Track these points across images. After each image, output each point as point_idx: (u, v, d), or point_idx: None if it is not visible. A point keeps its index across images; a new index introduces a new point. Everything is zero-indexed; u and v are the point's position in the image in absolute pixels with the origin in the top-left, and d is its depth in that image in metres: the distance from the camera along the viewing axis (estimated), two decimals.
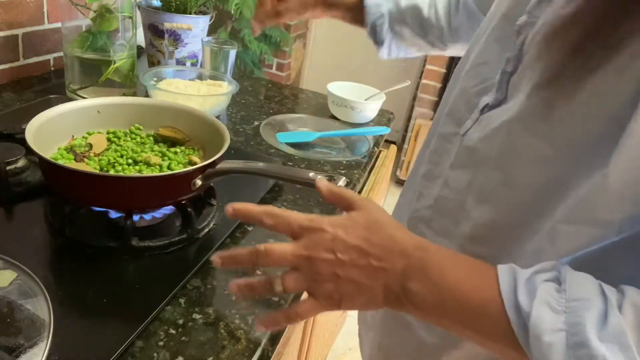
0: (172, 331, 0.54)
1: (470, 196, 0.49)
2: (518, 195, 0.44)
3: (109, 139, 0.76)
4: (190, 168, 0.64)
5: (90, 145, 0.73)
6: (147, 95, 1.05)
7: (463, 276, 0.40)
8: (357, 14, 0.82)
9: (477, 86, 0.51)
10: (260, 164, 0.67)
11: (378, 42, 0.84)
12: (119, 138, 0.77)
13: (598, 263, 0.38)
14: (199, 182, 0.65)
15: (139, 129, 0.80)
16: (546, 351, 0.34)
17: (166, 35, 1.17)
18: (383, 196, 1.44)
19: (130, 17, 0.99)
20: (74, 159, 0.70)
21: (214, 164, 0.66)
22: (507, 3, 0.51)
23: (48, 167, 0.62)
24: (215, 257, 0.48)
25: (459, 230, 0.50)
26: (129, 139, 0.78)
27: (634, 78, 0.35)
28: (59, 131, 0.73)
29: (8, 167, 0.71)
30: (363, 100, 1.20)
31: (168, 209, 0.70)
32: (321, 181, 0.50)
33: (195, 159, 0.74)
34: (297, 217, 0.45)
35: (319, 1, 0.81)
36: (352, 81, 1.31)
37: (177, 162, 0.73)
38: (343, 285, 0.42)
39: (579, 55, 0.37)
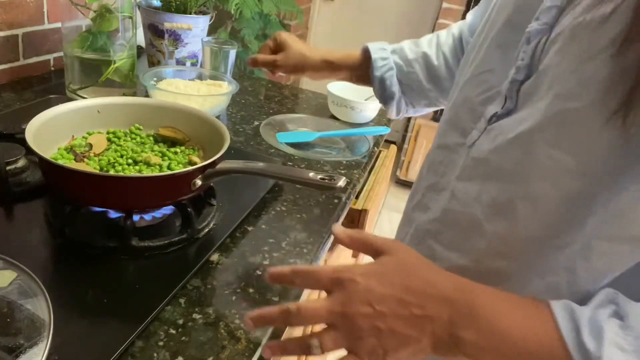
0: (172, 331, 0.54)
1: (481, 209, 0.47)
2: (538, 209, 0.42)
3: (109, 139, 0.76)
4: (190, 168, 0.64)
5: (90, 145, 0.73)
6: (147, 95, 1.05)
7: (516, 318, 0.38)
8: (363, 71, 0.81)
9: (482, 95, 0.50)
10: (260, 164, 0.67)
11: (387, 97, 0.82)
12: (119, 138, 0.77)
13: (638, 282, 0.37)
14: (199, 182, 0.65)
15: (139, 129, 0.80)
16: None
17: (166, 35, 1.17)
18: (383, 196, 1.44)
19: (130, 17, 0.99)
20: (74, 159, 0.70)
21: (214, 164, 0.66)
22: (509, 10, 0.50)
23: (48, 167, 0.62)
24: (247, 319, 0.46)
25: (472, 245, 0.48)
26: (129, 139, 0.78)
27: None
28: (59, 131, 0.73)
29: (8, 167, 0.71)
30: (363, 100, 1.20)
31: (168, 209, 0.70)
32: (337, 228, 0.46)
33: (195, 159, 0.74)
34: (326, 271, 0.43)
35: (323, 66, 0.82)
36: None
37: (177, 162, 0.73)
38: (386, 338, 0.39)
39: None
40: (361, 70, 0.81)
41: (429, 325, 0.39)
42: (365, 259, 0.48)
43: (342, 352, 0.42)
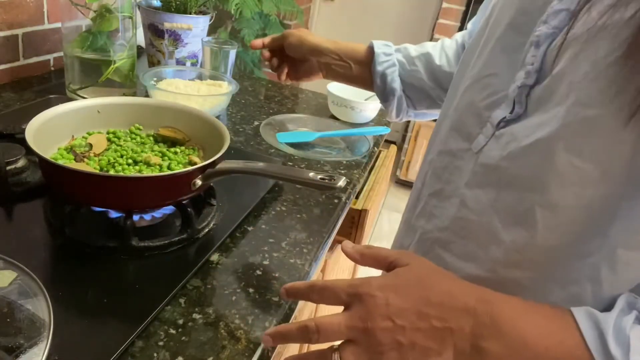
0: (172, 331, 0.54)
1: (497, 218, 0.46)
2: (559, 217, 0.41)
3: (109, 139, 0.76)
4: (190, 168, 0.64)
5: (90, 145, 0.73)
6: (147, 95, 1.05)
7: (539, 327, 0.37)
8: (365, 66, 0.81)
9: (487, 99, 0.49)
10: (260, 164, 0.67)
11: (388, 93, 0.82)
12: (119, 138, 0.77)
13: None
14: (199, 182, 0.65)
15: (139, 129, 0.80)
16: None
17: (166, 35, 1.17)
18: (383, 196, 1.44)
19: (130, 17, 0.99)
20: (74, 159, 0.70)
21: (214, 164, 0.66)
22: (512, 12, 0.49)
23: (48, 167, 0.62)
24: (266, 336, 0.45)
25: (488, 255, 0.47)
26: (129, 139, 0.78)
27: None
28: (59, 131, 0.73)
29: (8, 167, 0.71)
30: (363, 100, 1.20)
31: (168, 209, 0.70)
32: (346, 245, 0.45)
33: (195, 159, 0.74)
34: (342, 285, 0.42)
35: (324, 51, 0.83)
36: None
37: (177, 162, 0.73)
38: (407, 352, 0.39)
39: None
40: (364, 65, 0.81)
41: (450, 338, 0.39)
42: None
43: None
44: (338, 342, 0.44)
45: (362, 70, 0.82)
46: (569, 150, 0.40)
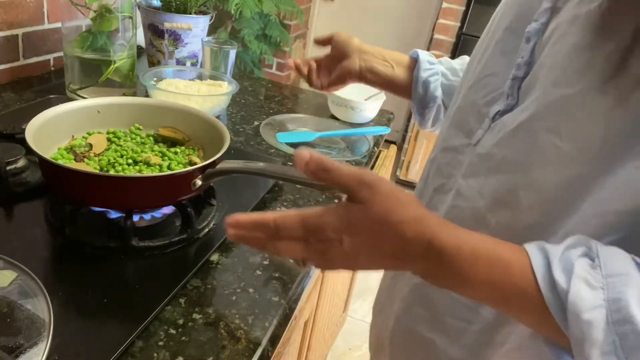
0: (172, 331, 0.54)
1: (484, 202, 0.48)
2: (540, 196, 0.43)
3: (109, 139, 0.76)
4: (190, 168, 0.64)
5: (90, 145, 0.73)
6: (147, 95, 1.05)
7: (492, 272, 0.39)
8: (408, 72, 0.80)
9: (486, 97, 0.52)
10: (260, 164, 0.67)
11: (428, 100, 0.80)
12: (119, 138, 0.77)
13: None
14: (199, 182, 0.65)
15: (139, 129, 0.80)
16: (585, 328, 0.33)
17: (166, 35, 1.17)
18: None
19: (130, 17, 0.99)
20: (74, 159, 0.70)
21: (214, 164, 0.66)
22: (510, 18, 0.53)
23: (48, 167, 0.62)
24: (227, 226, 0.45)
25: None
26: (129, 139, 0.78)
27: None
28: (59, 131, 0.73)
29: (8, 167, 0.71)
30: (363, 100, 1.20)
31: (168, 209, 0.70)
32: (303, 157, 0.42)
33: (195, 159, 0.74)
34: (296, 228, 0.42)
35: (365, 66, 0.80)
36: None
37: (177, 162, 0.73)
38: (359, 265, 0.43)
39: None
40: (406, 69, 0.80)
41: (400, 265, 0.42)
42: None
43: None
44: None
45: (404, 74, 0.80)
46: (548, 130, 0.42)
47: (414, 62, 0.80)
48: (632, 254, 0.37)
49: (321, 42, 0.86)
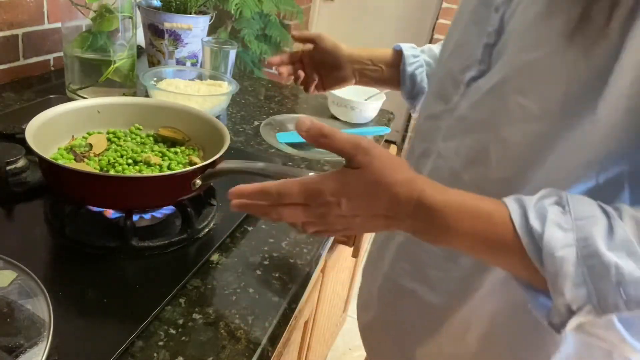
0: (172, 331, 0.54)
1: (459, 161, 0.53)
2: (507, 152, 0.48)
3: (109, 139, 0.76)
4: (190, 168, 0.64)
5: (90, 145, 0.73)
6: (147, 95, 1.05)
7: (476, 223, 0.43)
8: (394, 69, 0.83)
9: (461, 65, 0.55)
10: (260, 164, 0.67)
11: (416, 92, 0.83)
12: (119, 138, 0.77)
13: None
14: (199, 182, 0.65)
15: (139, 129, 0.80)
16: (559, 264, 0.38)
17: (166, 35, 1.17)
18: None
19: (130, 17, 0.99)
20: (74, 159, 0.70)
21: (214, 164, 0.66)
22: None
23: (48, 167, 0.62)
24: (231, 197, 0.50)
25: None
26: (129, 139, 0.78)
27: (617, 31, 0.40)
28: (59, 131, 0.73)
29: (8, 167, 0.71)
30: (363, 100, 1.20)
31: (168, 209, 0.70)
32: (304, 123, 0.45)
33: (195, 159, 0.74)
34: (297, 193, 0.45)
35: (355, 56, 0.84)
36: None
37: (177, 162, 0.73)
38: (356, 226, 0.46)
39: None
40: (394, 67, 0.83)
41: (393, 224, 0.46)
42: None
43: None
44: None
45: (392, 73, 0.84)
46: (515, 91, 0.47)
47: (399, 56, 0.82)
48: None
49: (302, 40, 0.88)
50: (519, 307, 0.49)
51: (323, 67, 0.86)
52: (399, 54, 0.83)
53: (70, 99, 0.86)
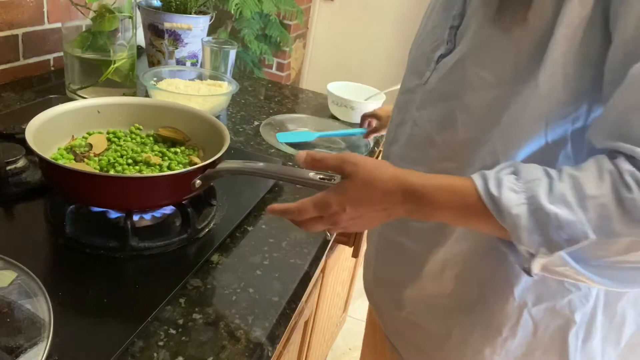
0: (172, 331, 0.54)
1: (431, 126, 0.61)
2: (471, 116, 0.57)
3: (109, 139, 0.76)
4: (190, 168, 0.64)
5: (90, 146, 0.73)
6: (147, 95, 1.05)
7: (444, 193, 0.52)
8: None
9: (432, 44, 0.63)
10: (260, 164, 0.67)
11: None
12: (119, 138, 0.77)
13: (543, 164, 0.50)
14: (199, 182, 0.65)
15: (139, 129, 0.80)
16: (515, 219, 0.47)
17: (166, 35, 1.17)
18: None
19: (130, 17, 0.99)
20: (74, 159, 0.70)
21: (214, 164, 0.66)
22: None
23: (48, 167, 0.62)
24: (270, 209, 0.59)
25: (428, 156, 0.62)
26: (129, 139, 0.78)
27: (548, 10, 0.49)
28: (59, 131, 0.73)
29: (8, 167, 0.71)
30: (363, 100, 1.20)
31: (168, 209, 0.70)
32: (301, 156, 0.58)
33: (195, 159, 0.74)
34: (311, 209, 0.55)
35: None
36: (352, 81, 1.31)
37: (177, 162, 0.73)
38: (365, 223, 0.57)
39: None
40: None
41: (388, 214, 0.55)
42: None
43: None
44: None
45: None
46: (474, 64, 0.56)
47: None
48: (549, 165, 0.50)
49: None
50: (487, 249, 0.58)
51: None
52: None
53: (70, 99, 0.86)
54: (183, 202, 0.67)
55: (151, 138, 0.79)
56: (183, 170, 0.64)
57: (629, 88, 0.45)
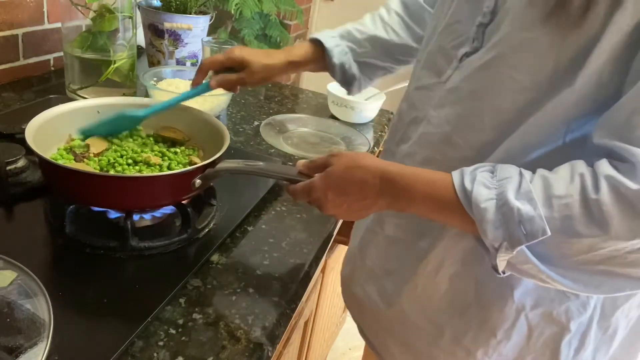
0: (172, 331, 0.54)
1: (450, 127, 0.59)
2: (499, 118, 0.55)
3: (108, 140, 0.76)
4: (190, 168, 0.64)
5: (88, 146, 0.73)
6: (147, 95, 1.05)
7: (427, 188, 0.54)
8: (320, 62, 0.85)
9: (454, 41, 0.61)
10: (260, 163, 0.67)
11: (349, 79, 0.86)
12: (120, 139, 0.77)
13: (554, 163, 0.50)
14: (199, 181, 0.65)
15: (138, 129, 0.80)
16: (483, 213, 0.48)
17: (166, 35, 1.17)
18: None
19: (130, 17, 0.99)
20: (74, 159, 0.70)
21: (213, 163, 0.66)
22: None
23: (48, 167, 0.62)
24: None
25: (445, 157, 0.60)
26: (130, 139, 0.77)
27: (600, 16, 0.47)
28: (59, 131, 0.73)
29: (8, 167, 0.71)
30: (363, 100, 1.20)
31: (168, 209, 0.70)
32: (299, 165, 0.63)
33: (195, 159, 0.74)
34: (304, 193, 0.61)
35: (289, 68, 0.83)
36: None
37: (177, 162, 0.73)
38: (347, 210, 0.59)
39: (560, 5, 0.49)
40: (319, 61, 0.85)
41: (371, 203, 0.57)
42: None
43: None
44: None
45: (319, 66, 0.85)
46: (509, 66, 0.53)
47: (320, 48, 0.83)
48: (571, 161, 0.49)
49: (214, 69, 0.82)
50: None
51: (259, 81, 0.84)
52: (318, 47, 0.83)
53: (70, 99, 0.86)
54: (183, 202, 0.67)
55: (151, 138, 0.79)
56: (183, 170, 0.64)
57: (638, 90, 0.45)
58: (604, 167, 0.46)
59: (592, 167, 0.47)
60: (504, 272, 0.51)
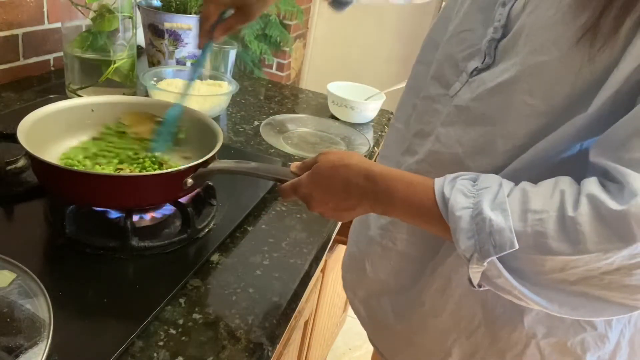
0: (172, 331, 0.54)
1: (462, 149, 0.57)
2: (512, 143, 0.53)
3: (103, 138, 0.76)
4: (181, 167, 0.63)
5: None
6: (147, 95, 1.05)
7: (407, 188, 0.53)
8: None
9: (464, 51, 0.58)
10: (253, 164, 0.66)
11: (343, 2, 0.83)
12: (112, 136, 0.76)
13: (566, 170, 0.49)
14: (190, 181, 0.64)
15: (122, 124, 0.78)
16: (457, 221, 0.47)
17: (166, 35, 1.17)
18: None
19: (130, 17, 0.99)
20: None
21: (205, 163, 0.65)
22: None
23: (39, 165, 0.61)
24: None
25: None
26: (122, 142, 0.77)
27: (621, 39, 0.45)
28: (52, 130, 0.72)
29: (8, 167, 0.71)
30: (363, 100, 1.20)
31: (168, 209, 0.70)
32: (293, 166, 0.62)
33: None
34: (291, 191, 0.60)
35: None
36: (352, 81, 1.31)
37: (150, 163, 0.73)
38: (332, 209, 0.58)
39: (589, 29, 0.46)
40: None
41: (355, 201, 0.56)
42: None
43: None
44: None
45: None
46: (524, 91, 0.51)
47: None
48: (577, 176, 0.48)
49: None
50: None
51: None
52: None
53: None
54: (183, 202, 0.66)
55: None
56: (174, 169, 0.64)
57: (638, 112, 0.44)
58: (590, 185, 0.44)
59: (578, 184, 0.46)
60: (479, 286, 0.49)
